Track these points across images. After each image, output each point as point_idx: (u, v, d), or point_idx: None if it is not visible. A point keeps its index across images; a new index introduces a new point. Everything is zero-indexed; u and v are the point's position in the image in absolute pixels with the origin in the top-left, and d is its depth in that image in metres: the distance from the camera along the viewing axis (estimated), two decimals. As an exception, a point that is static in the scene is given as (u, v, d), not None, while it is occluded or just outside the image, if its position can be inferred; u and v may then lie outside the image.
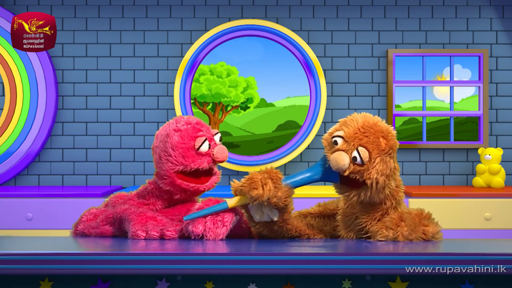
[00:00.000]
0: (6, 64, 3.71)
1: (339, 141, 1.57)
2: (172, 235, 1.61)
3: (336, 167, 1.56)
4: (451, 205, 3.26)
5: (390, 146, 1.57)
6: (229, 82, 3.75)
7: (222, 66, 3.76)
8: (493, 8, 3.84)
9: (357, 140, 1.56)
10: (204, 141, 1.68)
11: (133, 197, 1.77)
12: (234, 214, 1.60)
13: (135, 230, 1.60)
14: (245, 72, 3.76)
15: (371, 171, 1.54)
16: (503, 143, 3.84)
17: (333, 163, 1.56)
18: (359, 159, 1.54)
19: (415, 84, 3.82)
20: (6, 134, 3.71)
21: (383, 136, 1.58)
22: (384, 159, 1.56)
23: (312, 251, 1.50)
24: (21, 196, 3.27)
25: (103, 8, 3.81)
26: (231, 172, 3.82)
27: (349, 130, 1.58)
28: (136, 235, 1.60)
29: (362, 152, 1.54)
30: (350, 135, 1.57)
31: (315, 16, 3.83)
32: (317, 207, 1.77)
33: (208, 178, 1.73)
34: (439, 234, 1.60)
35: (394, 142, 1.59)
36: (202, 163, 1.68)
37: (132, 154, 3.82)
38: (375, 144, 1.56)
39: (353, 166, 1.55)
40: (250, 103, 3.76)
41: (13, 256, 1.39)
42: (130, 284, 1.43)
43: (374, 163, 1.55)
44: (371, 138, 1.56)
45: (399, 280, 1.43)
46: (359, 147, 1.55)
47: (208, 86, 3.75)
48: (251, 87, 3.76)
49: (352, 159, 1.55)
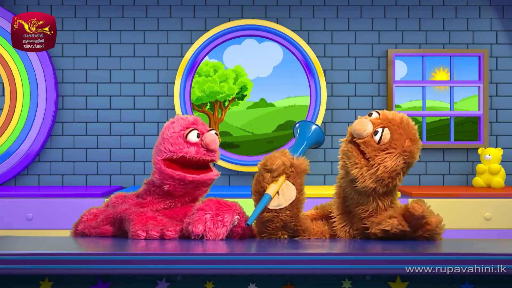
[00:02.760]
0: (6, 64, 3.71)
1: (374, 115, 1.59)
2: (172, 235, 1.60)
3: (354, 129, 1.56)
4: (451, 205, 3.26)
5: (410, 151, 1.56)
6: (219, 77, 3.75)
7: (207, 65, 3.75)
8: (493, 8, 3.84)
9: (388, 123, 1.56)
10: (193, 130, 1.68)
11: (132, 197, 1.77)
12: (234, 214, 1.60)
13: (135, 230, 1.60)
14: (231, 63, 3.76)
15: (381, 155, 1.54)
16: (503, 143, 3.84)
17: (355, 125, 1.56)
18: (380, 136, 1.54)
19: (415, 84, 3.82)
20: (6, 134, 3.71)
21: (410, 139, 1.57)
22: (399, 158, 1.55)
23: (312, 251, 1.50)
24: (21, 196, 3.27)
25: (103, 8, 3.81)
26: (231, 172, 3.82)
27: (389, 114, 1.59)
28: (137, 235, 1.60)
29: (386, 133, 1.55)
30: (386, 116, 1.58)
31: (315, 16, 3.83)
32: (315, 210, 1.76)
33: (202, 171, 1.71)
34: (442, 224, 1.59)
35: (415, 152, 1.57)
36: (189, 152, 1.66)
37: (132, 154, 3.82)
38: (401, 139, 1.56)
39: (369, 139, 1.55)
40: (245, 91, 3.76)
41: (13, 256, 1.39)
42: (130, 284, 1.43)
43: (388, 152, 1.54)
44: (401, 131, 1.56)
45: (399, 280, 1.43)
46: (386, 127, 1.55)
47: (201, 88, 3.75)
48: (240, 75, 3.76)
49: (373, 133, 1.55)
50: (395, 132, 1.56)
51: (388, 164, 1.54)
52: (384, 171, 1.54)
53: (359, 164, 1.56)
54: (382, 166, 1.54)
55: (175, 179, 1.67)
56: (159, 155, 1.69)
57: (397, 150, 1.55)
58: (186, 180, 1.68)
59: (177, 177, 1.67)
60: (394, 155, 1.55)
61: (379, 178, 1.55)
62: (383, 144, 1.55)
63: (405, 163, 1.56)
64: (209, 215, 1.58)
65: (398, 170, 1.56)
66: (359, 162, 1.56)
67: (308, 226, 1.65)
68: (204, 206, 1.60)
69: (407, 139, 1.56)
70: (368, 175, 1.55)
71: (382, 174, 1.54)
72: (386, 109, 3.74)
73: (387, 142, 1.55)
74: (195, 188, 1.71)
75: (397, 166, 1.55)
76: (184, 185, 1.69)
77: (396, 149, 1.55)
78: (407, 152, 1.56)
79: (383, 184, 1.56)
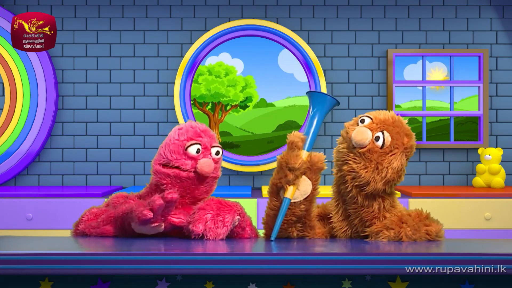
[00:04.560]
0: (6, 64, 3.71)
1: (367, 121, 1.60)
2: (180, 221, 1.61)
3: (355, 140, 1.57)
4: (451, 205, 3.26)
5: (411, 146, 1.60)
6: (228, 81, 3.75)
7: (221, 66, 3.76)
8: (493, 8, 3.84)
9: (384, 126, 1.58)
10: (194, 144, 1.67)
11: (134, 198, 1.77)
12: (235, 214, 1.60)
13: (140, 210, 1.58)
14: (244, 71, 3.77)
15: (387, 158, 1.56)
16: (503, 143, 3.84)
17: (355, 136, 1.57)
18: (382, 140, 1.56)
19: (415, 84, 3.82)
20: (6, 134, 3.71)
21: (407, 135, 1.60)
22: (402, 155, 1.58)
23: (312, 251, 1.50)
24: (21, 196, 3.27)
25: (103, 8, 3.81)
26: (231, 172, 3.82)
27: (379, 115, 1.61)
28: (143, 215, 1.57)
29: (387, 136, 1.56)
30: (379, 119, 1.59)
31: (315, 16, 3.83)
32: (316, 208, 1.77)
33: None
34: (442, 232, 1.60)
35: (413, 146, 1.61)
36: (185, 164, 1.66)
37: (132, 154, 3.82)
38: (399, 138, 1.58)
39: (372, 145, 1.56)
40: (249, 102, 3.76)
41: (13, 256, 1.38)
42: (130, 284, 1.43)
43: (392, 153, 1.56)
44: (397, 130, 1.59)
45: (399, 280, 1.43)
46: (384, 130, 1.57)
47: (207, 86, 3.75)
48: (249, 86, 3.76)
49: (374, 138, 1.56)
50: (393, 132, 1.58)
51: (395, 165, 1.57)
52: (392, 173, 1.57)
53: (369, 168, 1.57)
54: (390, 168, 1.57)
55: (171, 176, 1.67)
56: (158, 158, 1.70)
57: (399, 149, 1.58)
58: (181, 176, 1.67)
59: (172, 174, 1.67)
60: (398, 155, 1.58)
61: (388, 180, 1.58)
62: (387, 147, 1.57)
63: (407, 159, 1.61)
64: (210, 214, 1.58)
65: (404, 167, 1.60)
66: (369, 165, 1.57)
67: (315, 225, 1.66)
68: (205, 206, 1.60)
69: (404, 136, 1.59)
70: (379, 178, 1.57)
71: (392, 175, 1.57)
72: (386, 109, 3.76)
73: (389, 145, 1.57)
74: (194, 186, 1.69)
75: (402, 164, 1.59)
76: (181, 182, 1.68)
77: (398, 148, 1.58)
78: (408, 148, 1.60)
79: (391, 184, 1.60)
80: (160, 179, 1.68)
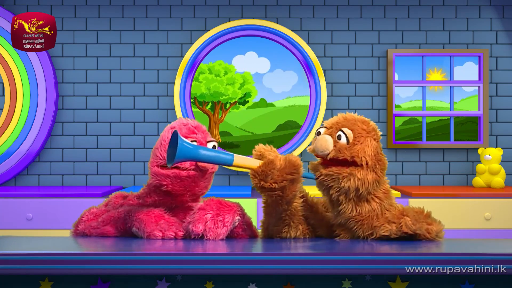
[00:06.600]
0: (6, 64, 3.71)
1: (322, 131, 1.63)
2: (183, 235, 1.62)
3: (320, 150, 1.59)
4: (451, 205, 3.26)
5: (373, 129, 1.62)
6: (226, 80, 3.76)
7: (220, 65, 3.76)
8: (493, 8, 3.84)
9: (339, 125, 1.61)
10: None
11: (133, 198, 1.77)
12: (235, 214, 1.60)
13: (151, 230, 1.60)
14: (242, 69, 3.77)
15: (358, 148, 1.57)
16: (503, 143, 3.84)
17: (318, 145, 1.59)
18: (344, 137, 1.58)
19: (415, 84, 3.82)
20: (6, 134, 3.71)
21: (363, 122, 1.63)
22: (370, 139, 1.60)
23: (312, 251, 1.50)
24: (21, 196, 3.27)
25: (103, 8, 3.81)
26: (231, 172, 3.82)
27: (331, 120, 1.65)
28: (154, 235, 1.60)
29: (347, 131, 1.59)
30: (332, 122, 1.63)
31: (315, 16, 3.83)
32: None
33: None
34: (442, 233, 1.60)
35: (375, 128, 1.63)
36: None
37: (132, 154, 3.82)
38: (357, 127, 1.60)
39: (339, 145, 1.58)
40: (248, 98, 3.77)
41: (13, 256, 1.38)
42: (130, 284, 1.43)
43: (359, 143, 1.58)
44: (352, 122, 1.61)
45: (399, 280, 1.43)
46: (342, 128, 1.60)
47: (207, 85, 3.75)
48: (247, 82, 3.76)
49: (336, 137, 1.59)
50: (349, 126, 1.61)
51: (369, 151, 1.59)
52: (371, 159, 1.58)
53: (350, 173, 1.57)
54: (366, 156, 1.58)
55: (171, 177, 1.66)
56: (155, 160, 1.68)
57: (363, 136, 1.60)
58: (181, 176, 1.66)
59: (172, 175, 1.66)
60: (366, 141, 1.59)
61: (371, 168, 1.58)
62: (353, 140, 1.59)
63: (377, 141, 1.62)
64: (209, 215, 1.58)
65: (379, 149, 1.62)
66: (350, 171, 1.57)
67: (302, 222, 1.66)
68: (205, 206, 1.60)
69: (361, 124, 1.62)
70: (363, 174, 1.57)
71: (370, 161, 1.58)
72: (386, 109, 3.76)
73: (352, 137, 1.59)
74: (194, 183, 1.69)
75: (375, 147, 1.61)
76: (181, 181, 1.67)
77: (362, 136, 1.60)
78: (372, 132, 1.62)
79: (377, 169, 1.60)
80: (160, 180, 1.67)
